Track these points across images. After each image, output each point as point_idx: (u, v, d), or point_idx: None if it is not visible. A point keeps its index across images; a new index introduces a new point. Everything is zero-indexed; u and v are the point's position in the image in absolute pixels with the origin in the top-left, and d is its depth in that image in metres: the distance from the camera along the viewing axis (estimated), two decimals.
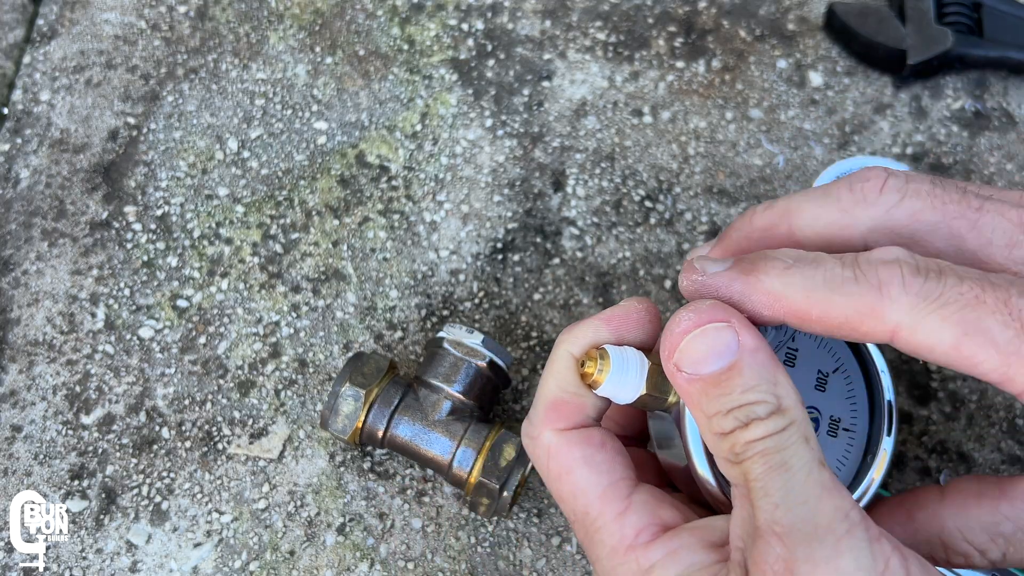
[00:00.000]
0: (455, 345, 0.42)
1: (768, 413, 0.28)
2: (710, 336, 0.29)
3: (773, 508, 0.26)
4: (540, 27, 0.57)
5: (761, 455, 0.27)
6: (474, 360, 0.42)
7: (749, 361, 0.28)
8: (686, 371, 0.29)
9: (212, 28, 0.58)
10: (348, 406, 0.41)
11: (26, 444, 0.46)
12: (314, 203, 0.52)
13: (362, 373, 0.41)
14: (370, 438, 0.42)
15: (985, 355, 0.28)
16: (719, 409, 0.28)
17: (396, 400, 0.41)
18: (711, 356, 0.29)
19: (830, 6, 0.55)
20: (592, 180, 0.52)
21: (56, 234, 0.51)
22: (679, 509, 0.31)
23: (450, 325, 0.43)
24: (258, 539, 0.44)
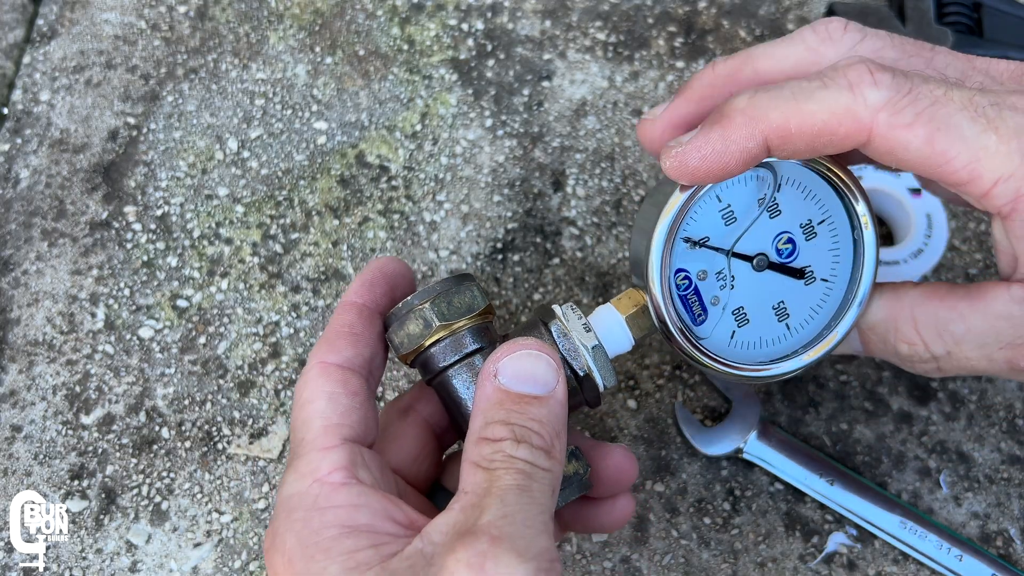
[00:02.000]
0: (562, 334, 0.35)
1: (540, 447, 0.30)
2: (542, 364, 0.31)
3: (501, 516, 0.28)
4: (540, 27, 0.57)
5: (518, 472, 0.29)
6: (571, 362, 0.35)
7: (554, 404, 0.31)
8: (501, 381, 0.31)
9: (212, 28, 0.58)
10: (415, 327, 0.35)
11: (26, 444, 0.46)
12: (314, 203, 0.52)
13: (449, 302, 0.35)
14: (423, 368, 0.36)
15: (956, 151, 0.28)
16: (503, 419, 0.30)
17: (466, 350, 0.35)
18: (531, 379, 0.31)
19: (830, 6, 0.55)
20: (592, 180, 0.52)
21: (56, 234, 0.51)
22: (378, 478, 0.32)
23: (572, 308, 0.36)
24: (258, 539, 0.44)
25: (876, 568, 0.42)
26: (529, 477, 0.29)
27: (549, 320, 0.35)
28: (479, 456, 0.30)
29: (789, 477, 0.43)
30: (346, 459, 0.31)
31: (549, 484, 0.29)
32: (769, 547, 0.43)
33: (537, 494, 0.29)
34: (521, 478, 0.29)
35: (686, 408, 0.45)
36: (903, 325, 0.33)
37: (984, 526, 0.43)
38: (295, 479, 0.31)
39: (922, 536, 0.42)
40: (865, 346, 0.35)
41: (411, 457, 0.36)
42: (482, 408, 0.31)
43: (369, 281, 0.36)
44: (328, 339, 0.34)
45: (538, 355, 0.31)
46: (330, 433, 0.32)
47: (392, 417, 0.37)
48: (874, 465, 0.44)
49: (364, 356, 0.34)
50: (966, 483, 0.44)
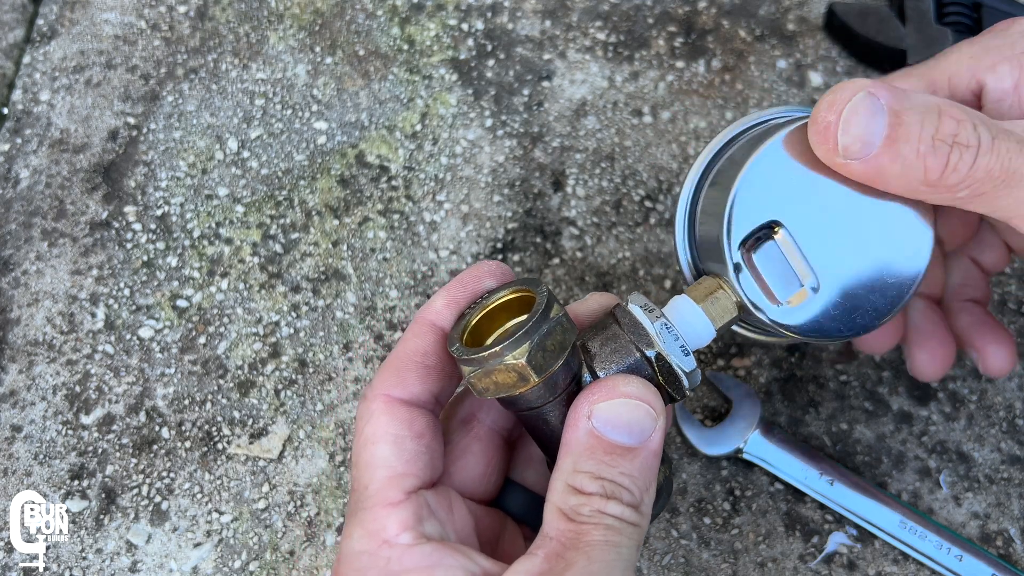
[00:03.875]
0: (664, 367, 0.32)
1: (630, 503, 0.29)
2: (640, 412, 0.30)
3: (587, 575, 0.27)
4: (540, 27, 0.57)
5: (606, 528, 0.28)
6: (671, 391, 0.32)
7: (647, 455, 0.30)
8: (595, 425, 0.30)
9: (212, 28, 0.58)
10: (507, 378, 0.31)
11: (26, 444, 0.46)
12: (314, 203, 0.52)
13: (544, 349, 0.30)
14: (507, 404, 0.33)
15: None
16: (593, 471, 0.29)
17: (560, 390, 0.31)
18: (626, 427, 0.30)
19: (830, 6, 0.55)
20: (592, 180, 0.52)
21: (56, 234, 0.51)
22: (445, 523, 0.31)
23: (664, 323, 0.32)
24: (258, 539, 0.44)
25: (876, 568, 0.42)
26: (618, 533, 0.28)
27: (645, 346, 0.32)
28: (567, 505, 0.29)
29: (789, 477, 0.43)
30: (412, 516, 0.30)
31: (636, 539, 0.29)
32: (769, 547, 0.43)
33: (625, 550, 0.28)
34: (610, 534, 0.28)
35: (686, 408, 0.45)
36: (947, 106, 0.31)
37: (984, 526, 0.43)
38: (362, 536, 0.30)
39: (922, 536, 0.42)
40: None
41: (477, 476, 0.35)
42: (572, 450, 0.30)
43: (456, 297, 0.33)
44: (397, 367, 0.32)
45: (638, 404, 0.30)
46: (395, 485, 0.30)
47: (452, 429, 0.35)
48: (874, 465, 0.44)
49: (434, 391, 0.33)
50: (966, 483, 0.44)
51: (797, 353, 0.47)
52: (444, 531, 0.31)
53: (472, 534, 0.33)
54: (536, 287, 0.32)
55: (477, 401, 0.35)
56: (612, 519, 0.29)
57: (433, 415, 0.33)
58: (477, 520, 0.33)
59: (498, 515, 0.35)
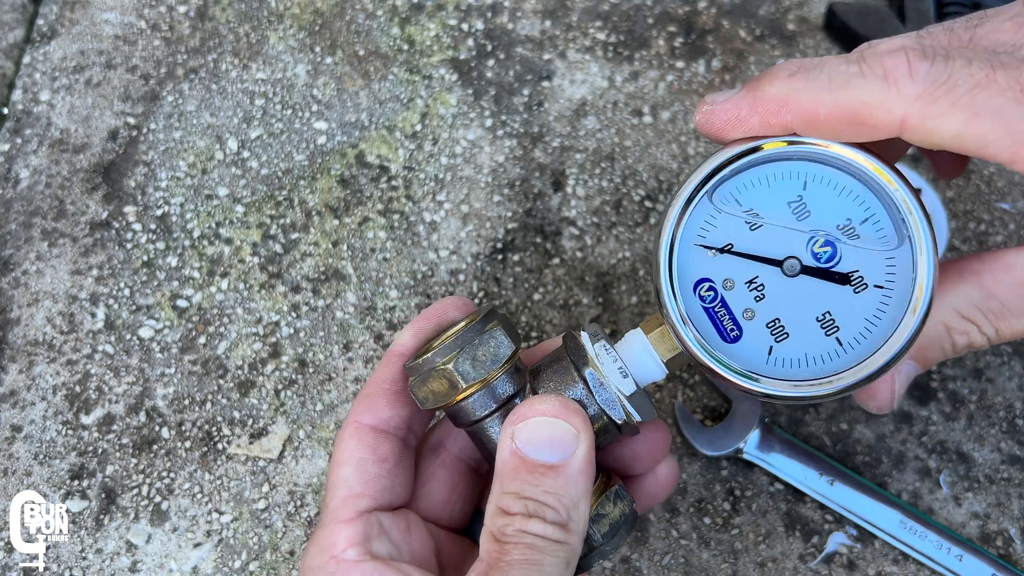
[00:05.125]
0: (598, 383, 0.33)
1: (554, 522, 0.29)
2: (559, 430, 0.30)
3: None
4: (540, 27, 0.57)
5: (527, 547, 0.29)
6: (609, 412, 0.33)
7: (573, 472, 0.30)
8: (517, 445, 0.30)
9: (212, 28, 0.58)
10: (440, 386, 0.32)
11: (26, 444, 0.46)
12: (314, 203, 0.52)
13: (474, 358, 0.32)
14: (453, 418, 0.34)
15: (995, 135, 0.27)
16: (516, 491, 0.29)
17: (498, 401, 0.33)
18: (547, 445, 0.30)
19: (830, 6, 0.55)
20: (592, 180, 0.52)
21: (56, 234, 0.51)
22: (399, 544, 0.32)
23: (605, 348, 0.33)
24: (258, 539, 0.44)
25: (876, 568, 0.42)
26: (541, 551, 0.29)
27: (582, 365, 0.32)
28: (494, 526, 0.29)
29: (789, 477, 0.43)
30: (360, 534, 0.31)
31: (563, 557, 0.29)
32: (769, 547, 0.43)
33: (549, 568, 0.29)
34: (531, 553, 0.28)
35: (686, 408, 0.45)
36: (952, 321, 0.32)
37: (984, 526, 0.43)
38: (316, 552, 0.31)
39: (922, 536, 0.42)
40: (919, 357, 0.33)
41: (442, 501, 0.36)
42: (500, 472, 0.30)
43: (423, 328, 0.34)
44: (367, 395, 0.34)
45: (555, 421, 0.30)
46: (349, 504, 0.32)
47: (422, 455, 0.36)
48: (874, 465, 0.44)
49: (402, 416, 0.34)
50: (966, 483, 0.44)
51: None
52: (397, 551, 0.32)
53: (431, 557, 0.34)
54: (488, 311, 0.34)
55: (446, 429, 0.37)
56: (533, 537, 0.29)
57: (402, 443, 0.34)
58: (439, 544, 0.34)
59: (465, 542, 0.36)
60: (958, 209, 0.50)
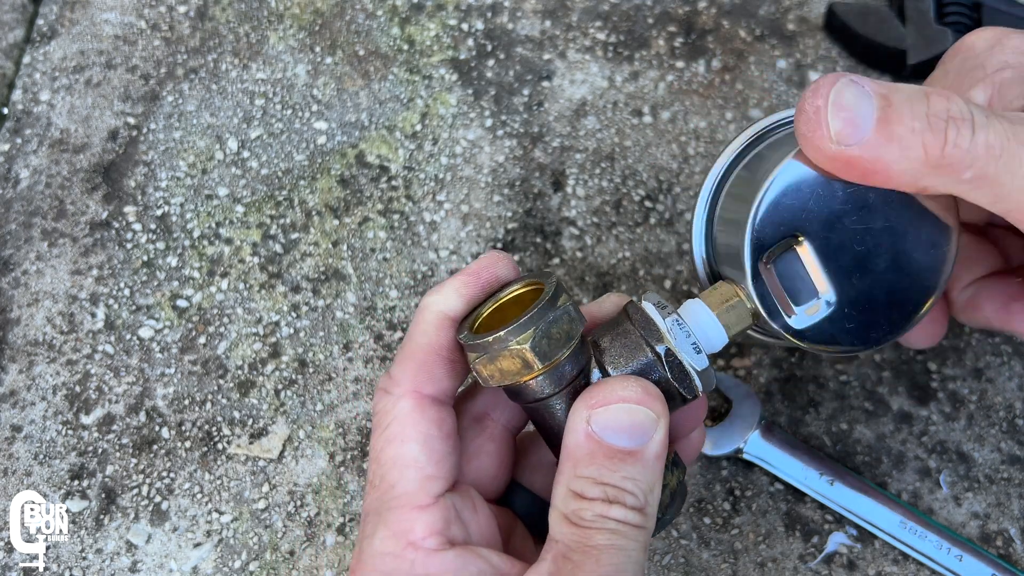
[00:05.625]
0: (673, 361, 0.31)
1: (633, 507, 0.29)
2: (639, 416, 0.29)
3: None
4: (540, 27, 0.57)
5: (611, 532, 0.28)
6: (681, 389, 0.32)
7: (650, 456, 0.29)
8: (594, 430, 0.29)
9: (212, 28, 0.58)
10: (511, 364, 0.30)
11: (26, 444, 0.46)
12: (314, 203, 0.52)
13: (549, 337, 0.30)
14: (512, 394, 0.33)
15: None
16: (594, 477, 0.29)
17: (566, 381, 0.31)
18: (627, 431, 0.29)
19: (830, 6, 0.55)
20: (592, 180, 0.52)
21: (56, 234, 0.51)
22: (469, 524, 0.31)
23: (676, 319, 0.32)
24: (258, 539, 0.44)
25: (876, 568, 0.42)
26: (623, 536, 0.28)
27: (655, 341, 0.31)
28: (569, 510, 0.29)
29: (789, 477, 0.43)
30: (441, 521, 0.30)
31: (642, 541, 0.29)
32: (769, 547, 0.43)
33: (632, 552, 0.28)
34: (615, 538, 0.28)
35: None
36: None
37: (984, 526, 0.43)
38: (387, 537, 0.30)
39: (922, 536, 0.42)
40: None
41: (491, 476, 0.35)
42: (572, 455, 0.29)
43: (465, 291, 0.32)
44: (424, 362, 0.31)
45: (637, 408, 0.30)
46: (424, 488, 0.30)
47: (465, 427, 0.35)
48: (874, 465, 0.44)
49: (456, 387, 0.33)
50: (966, 483, 0.44)
51: (797, 353, 0.47)
52: (468, 533, 0.31)
53: (496, 534, 0.33)
54: (547, 279, 0.32)
55: (490, 399, 0.35)
56: (616, 523, 0.28)
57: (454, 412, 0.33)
58: (496, 519, 0.33)
59: (509, 513, 0.35)
60: None
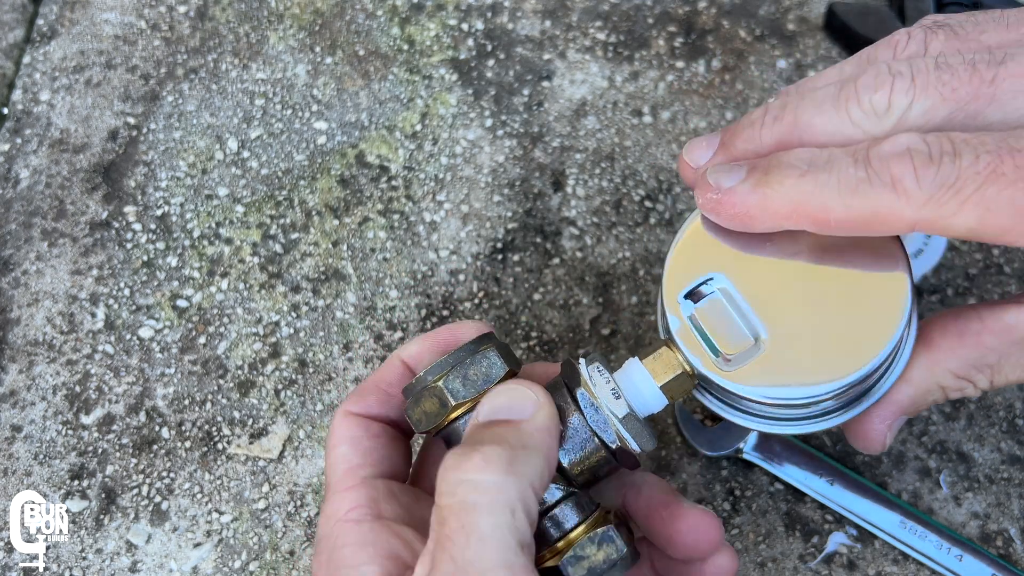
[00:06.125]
0: (589, 404, 0.32)
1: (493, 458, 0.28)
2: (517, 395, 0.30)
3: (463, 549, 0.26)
4: (540, 27, 0.57)
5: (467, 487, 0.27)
6: (600, 434, 0.31)
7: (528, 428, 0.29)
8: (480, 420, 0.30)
9: (212, 28, 0.58)
10: (432, 406, 0.32)
11: (26, 444, 0.46)
12: (314, 203, 0.52)
13: (464, 376, 0.32)
14: (447, 442, 0.34)
15: (1010, 223, 0.27)
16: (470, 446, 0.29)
17: None
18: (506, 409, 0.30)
19: (830, 6, 0.55)
20: (592, 180, 0.52)
21: (56, 234, 0.51)
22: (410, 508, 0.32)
23: (599, 369, 0.32)
24: (258, 539, 0.44)
25: (876, 568, 0.42)
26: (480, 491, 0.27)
27: (575, 386, 0.32)
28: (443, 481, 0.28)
29: (789, 477, 0.43)
30: (364, 496, 0.31)
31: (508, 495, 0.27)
32: (769, 547, 0.43)
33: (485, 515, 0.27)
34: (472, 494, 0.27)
35: (686, 408, 0.45)
36: (947, 382, 0.32)
37: (984, 526, 0.43)
38: (323, 522, 0.32)
39: (922, 536, 0.42)
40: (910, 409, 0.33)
41: None
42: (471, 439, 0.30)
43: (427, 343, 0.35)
44: (360, 391, 0.35)
45: (514, 387, 0.30)
46: (350, 474, 0.32)
47: (429, 441, 0.37)
48: (874, 465, 0.44)
49: (392, 417, 0.35)
50: (966, 483, 0.44)
51: None
52: (409, 516, 0.32)
53: None
54: (484, 334, 0.34)
55: None
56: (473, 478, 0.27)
57: (394, 429, 0.35)
58: None
59: None
60: None
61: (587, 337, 0.47)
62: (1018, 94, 0.29)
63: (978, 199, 0.27)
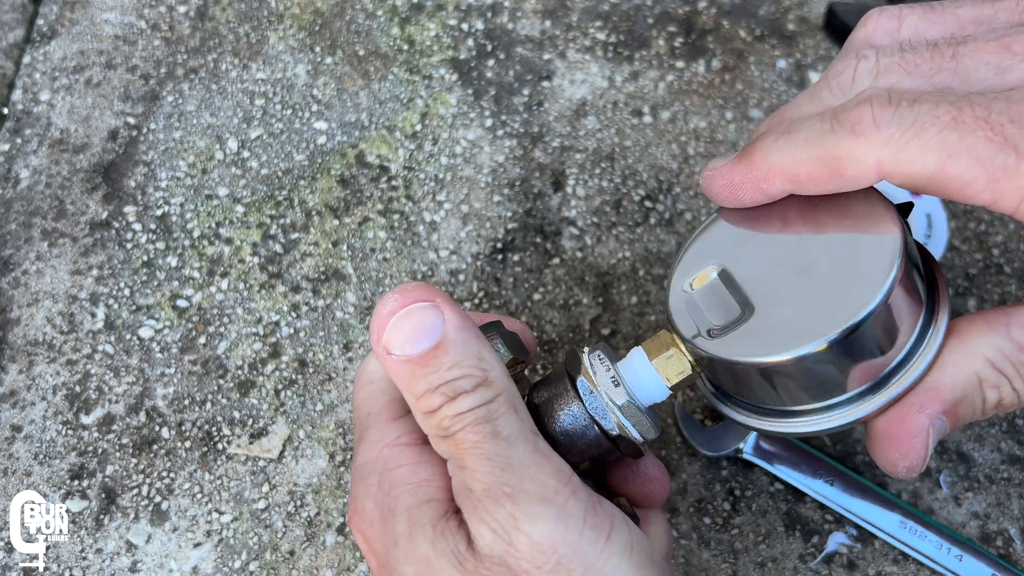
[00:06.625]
0: (588, 391, 0.32)
1: (474, 386, 0.29)
2: (415, 316, 0.30)
3: (499, 471, 0.28)
4: (540, 27, 0.57)
5: (472, 425, 0.29)
6: (600, 421, 0.32)
7: (454, 338, 0.30)
8: (395, 353, 0.30)
9: (212, 28, 0.58)
10: None
11: (26, 444, 0.46)
12: (314, 203, 0.52)
13: None
14: None
15: (972, 173, 0.27)
16: (427, 387, 0.29)
17: None
18: (417, 336, 0.30)
19: (830, 6, 0.55)
20: (592, 180, 0.52)
21: (56, 234, 0.51)
22: None
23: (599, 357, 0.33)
24: (258, 539, 0.44)
25: (876, 568, 0.42)
26: (489, 420, 0.29)
27: (576, 373, 0.32)
28: (434, 428, 0.30)
29: (789, 477, 0.43)
30: (412, 424, 0.32)
31: (509, 408, 0.29)
32: (769, 547, 0.43)
33: (503, 426, 0.29)
34: (483, 428, 0.29)
35: (686, 408, 0.45)
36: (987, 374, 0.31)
37: (984, 526, 0.43)
38: (366, 448, 0.32)
39: (922, 536, 0.42)
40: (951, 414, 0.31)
41: None
42: (404, 385, 0.30)
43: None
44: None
45: (410, 311, 0.30)
46: (395, 405, 0.33)
47: None
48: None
49: None
50: (966, 483, 0.44)
51: None
52: None
53: None
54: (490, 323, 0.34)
55: None
56: (472, 413, 0.29)
57: None
58: None
59: None
60: (958, 209, 0.50)
61: (587, 337, 0.47)
62: (980, 66, 0.30)
63: (939, 143, 0.27)
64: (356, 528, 0.32)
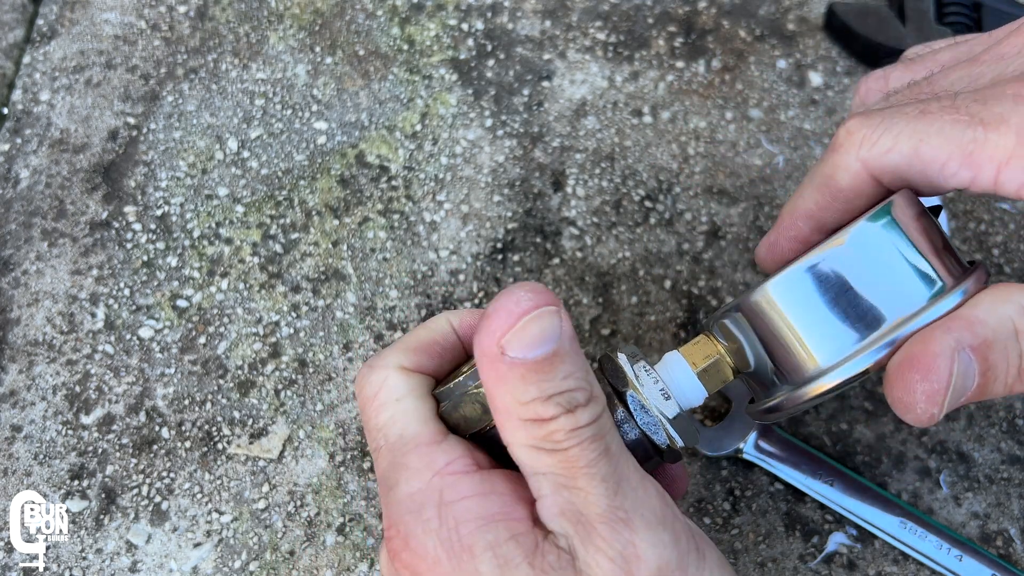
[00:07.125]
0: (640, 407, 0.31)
1: (587, 400, 0.28)
2: (545, 320, 0.27)
3: (612, 494, 0.27)
4: (540, 27, 0.57)
5: (589, 441, 0.27)
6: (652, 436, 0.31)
7: (569, 348, 0.28)
8: (512, 354, 0.27)
9: (212, 28, 0.58)
10: (472, 411, 0.31)
11: (26, 444, 0.46)
12: (314, 203, 0.52)
13: None
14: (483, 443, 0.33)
15: (946, 152, 0.29)
16: (539, 394, 0.27)
17: None
18: (540, 340, 0.27)
19: (830, 6, 0.55)
20: (592, 180, 0.52)
21: (56, 234, 0.51)
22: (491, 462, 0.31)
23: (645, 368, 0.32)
24: (258, 539, 0.44)
25: (876, 568, 0.42)
26: (602, 437, 0.27)
27: (621, 386, 0.31)
28: (538, 439, 0.27)
29: (789, 477, 0.43)
30: (460, 448, 0.30)
31: (612, 424, 0.28)
32: (769, 547, 0.43)
33: (614, 447, 0.28)
34: (599, 445, 0.27)
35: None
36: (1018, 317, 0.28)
37: (984, 526, 0.43)
38: (409, 476, 0.29)
39: (922, 536, 0.42)
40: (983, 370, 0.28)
41: None
42: (506, 389, 0.28)
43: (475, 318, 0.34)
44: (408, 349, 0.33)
45: (539, 314, 0.27)
46: (433, 428, 0.31)
47: None
48: (874, 465, 0.44)
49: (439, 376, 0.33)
50: (966, 483, 0.44)
51: None
52: (492, 462, 0.31)
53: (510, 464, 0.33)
54: None
55: None
56: (589, 428, 0.27)
57: None
58: None
59: None
60: (958, 209, 0.50)
61: (587, 337, 0.47)
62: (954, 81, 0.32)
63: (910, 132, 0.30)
64: (405, 565, 0.29)
